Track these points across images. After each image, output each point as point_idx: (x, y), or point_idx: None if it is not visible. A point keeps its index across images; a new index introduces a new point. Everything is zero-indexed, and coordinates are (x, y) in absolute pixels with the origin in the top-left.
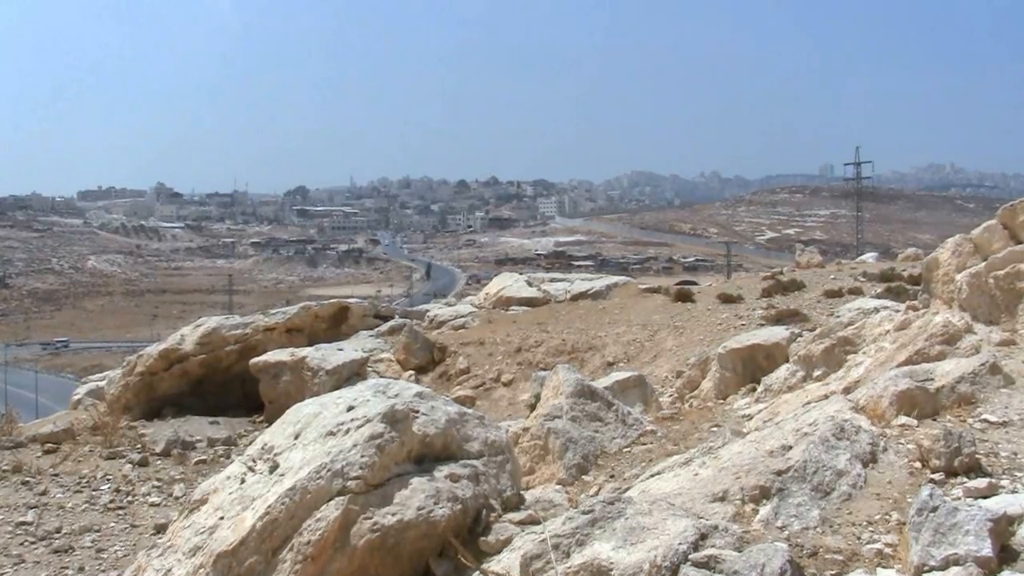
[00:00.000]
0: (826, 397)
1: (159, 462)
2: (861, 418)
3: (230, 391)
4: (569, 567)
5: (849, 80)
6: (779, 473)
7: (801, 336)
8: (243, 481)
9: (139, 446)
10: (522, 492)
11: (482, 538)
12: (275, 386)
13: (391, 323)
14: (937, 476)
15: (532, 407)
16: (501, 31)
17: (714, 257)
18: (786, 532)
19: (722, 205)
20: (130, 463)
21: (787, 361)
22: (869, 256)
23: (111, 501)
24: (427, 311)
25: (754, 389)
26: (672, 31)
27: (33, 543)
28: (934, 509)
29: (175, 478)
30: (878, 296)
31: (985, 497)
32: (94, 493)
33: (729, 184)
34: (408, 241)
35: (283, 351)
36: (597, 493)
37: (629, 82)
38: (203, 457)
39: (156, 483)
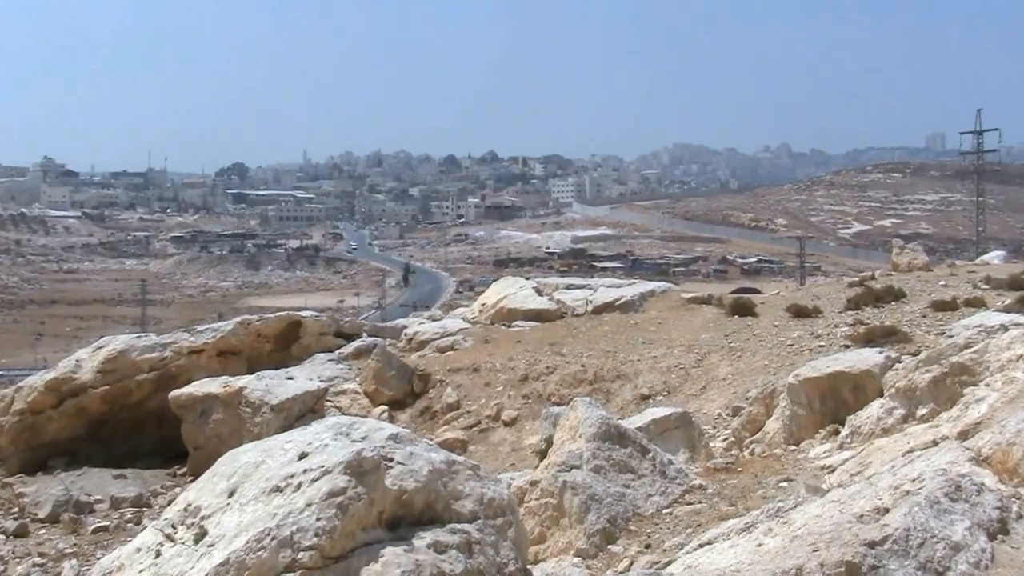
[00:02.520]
0: (935, 443)
1: (43, 531)
2: (984, 473)
3: (142, 434)
4: None
5: (967, 23)
6: (872, 545)
7: (900, 362)
8: (159, 554)
9: (16, 510)
10: (529, 567)
11: None
12: (203, 427)
13: (357, 343)
14: None
15: (543, 454)
16: None
17: (783, 257)
18: None
19: (793, 188)
20: (3, 533)
21: (881, 395)
22: (994, 255)
23: None
24: (405, 328)
25: (837, 432)
26: None
27: None
28: None
29: (65, 552)
30: (1006, 309)
31: None
32: None
33: (803, 161)
34: (380, 235)
35: (214, 381)
36: (628, 569)
37: (671, 30)
38: (104, 523)
39: (38, 560)
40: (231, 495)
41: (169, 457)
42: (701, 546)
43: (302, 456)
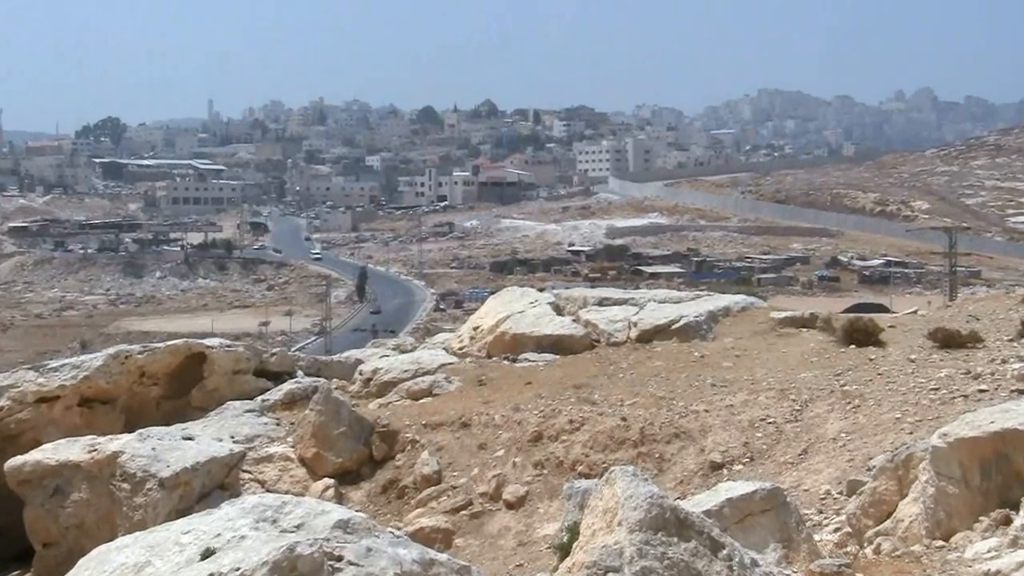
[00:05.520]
0: None
1: None
2: None
3: None
4: None
5: None
6: None
7: None
8: None
9: None
10: None
11: None
12: (56, 512)
13: (289, 386)
14: None
15: (564, 550)
16: None
17: (923, 258)
18: None
19: (940, 155)
20: None
21: None
22: None
23: None
24: (360, 363)
25: (1009, 520)
26: None
27: None
28: None
29: None
30: None
31: None
32: None
33: (952, 113)
34: (323, 226)
35: (74, 443)
36: None
37: None
38: None
39: None
40: None
41: (4, 560)
42: None
43: (207, 555)
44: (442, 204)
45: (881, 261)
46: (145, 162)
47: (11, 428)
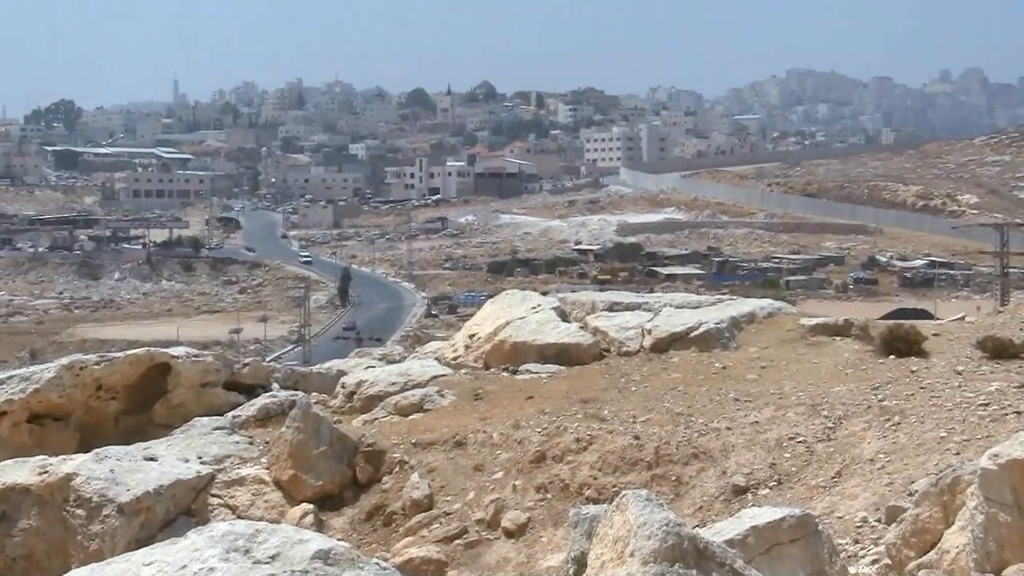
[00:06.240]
0: None
1: None
2: None
3: None
4: None
5: None
6: None
7: None
8: None
9: None
10: None
11: None
12: (2, 541)
13: (264, 400)
14: None
15: None
16: None
17: (971, 258)
18: None
19: (989, 143)
20: None
21: None
22: None
23: None
24: (343, 375)
25: None
26: None
27: None
28: None
29: None
30: None
31: None
32: None
33: (1004, 96)
34: (302, 222)
35: (22, 464)
36: None
37: None
38: None
39: None
40: None
41: None
42: None
43: None
44: (434, 198)
45: (924, 262)
46: (103, 150)
47: None
